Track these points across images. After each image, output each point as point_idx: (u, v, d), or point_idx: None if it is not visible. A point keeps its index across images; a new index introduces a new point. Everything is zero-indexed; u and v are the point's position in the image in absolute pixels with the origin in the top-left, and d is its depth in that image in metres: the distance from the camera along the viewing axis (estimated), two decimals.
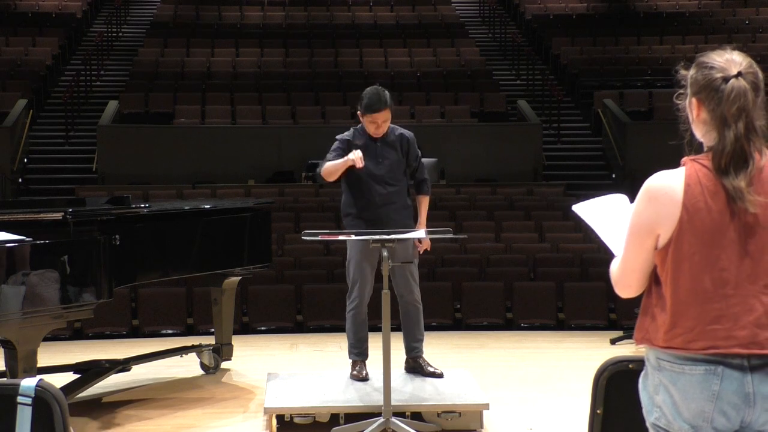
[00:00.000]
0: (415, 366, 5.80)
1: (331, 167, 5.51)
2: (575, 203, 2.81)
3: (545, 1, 21.41)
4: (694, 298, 2.40)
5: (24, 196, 14.11)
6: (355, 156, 5.38)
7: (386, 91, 5.65)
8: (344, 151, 5.56)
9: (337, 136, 5.72)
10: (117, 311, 8.73)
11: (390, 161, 5.64)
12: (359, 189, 5.63)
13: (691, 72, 2.48)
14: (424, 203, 5.76)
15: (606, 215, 2.70)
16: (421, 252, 5.72)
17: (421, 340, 5.82)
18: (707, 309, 2.39)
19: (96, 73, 18.28)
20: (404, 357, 5.86)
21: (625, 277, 2.51)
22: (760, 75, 2.45)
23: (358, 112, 5.65)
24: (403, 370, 5.84)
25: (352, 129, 5.74)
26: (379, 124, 5.59)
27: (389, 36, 19.53)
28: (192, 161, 14.91)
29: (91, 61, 18.07)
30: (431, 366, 5.78)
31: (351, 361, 5.82)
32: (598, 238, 2.71)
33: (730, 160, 2.38)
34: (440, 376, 5.73)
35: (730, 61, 2.43)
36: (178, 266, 6.14)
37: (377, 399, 5.15)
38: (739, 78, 2.40)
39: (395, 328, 5.35)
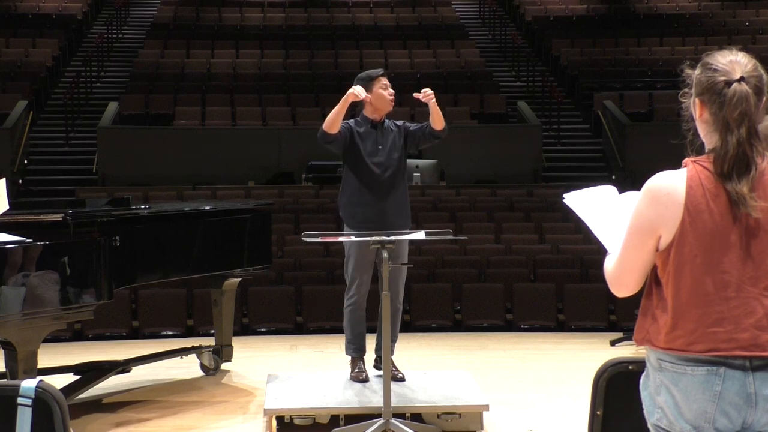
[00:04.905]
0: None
1: (332, 114, 5.50)
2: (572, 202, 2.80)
3: (545, 2, 21.41)
4: (696, 301, 2.39)
5: (24, 198, 14.07)
6: (356, 89, 5.49)
7: None
8: (348, 131, 5.64)
9: None
10: (117, 313, 8.73)
11: (388, 147, 5.71)
12: (359, 174, 5.67)
13: (696, 72, 2.47)
14: None
15: (596, 207, 2.69)
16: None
17: (395, 341, 5.79)
18: (708, 311, 2.39)
19: (96, 74, 18.26)
20: (398, 359, 5.83)
21: (623, 277, 2.50)
22: (764, 78, 2.43)
23: (365, 97, 5.64)
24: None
25: (352, 120, 5.83)
26: (390, 87, 5.73)
27: (389, 37, 19.51)
28: (192, 163, 14.89)
29: (92, 63, 18.06)
30: (395, 368, 5.72)
31: (350, 358, 5.81)
32: (588, 228, 2.69)
33: (733, 165, 2.37)
34: (402, 380, 5.71)
35: (734, 63, 2.42)
36: (178, 268, 6.14)
37: (377, 400, 5.16)
38: (742, 82, 2.39)
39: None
